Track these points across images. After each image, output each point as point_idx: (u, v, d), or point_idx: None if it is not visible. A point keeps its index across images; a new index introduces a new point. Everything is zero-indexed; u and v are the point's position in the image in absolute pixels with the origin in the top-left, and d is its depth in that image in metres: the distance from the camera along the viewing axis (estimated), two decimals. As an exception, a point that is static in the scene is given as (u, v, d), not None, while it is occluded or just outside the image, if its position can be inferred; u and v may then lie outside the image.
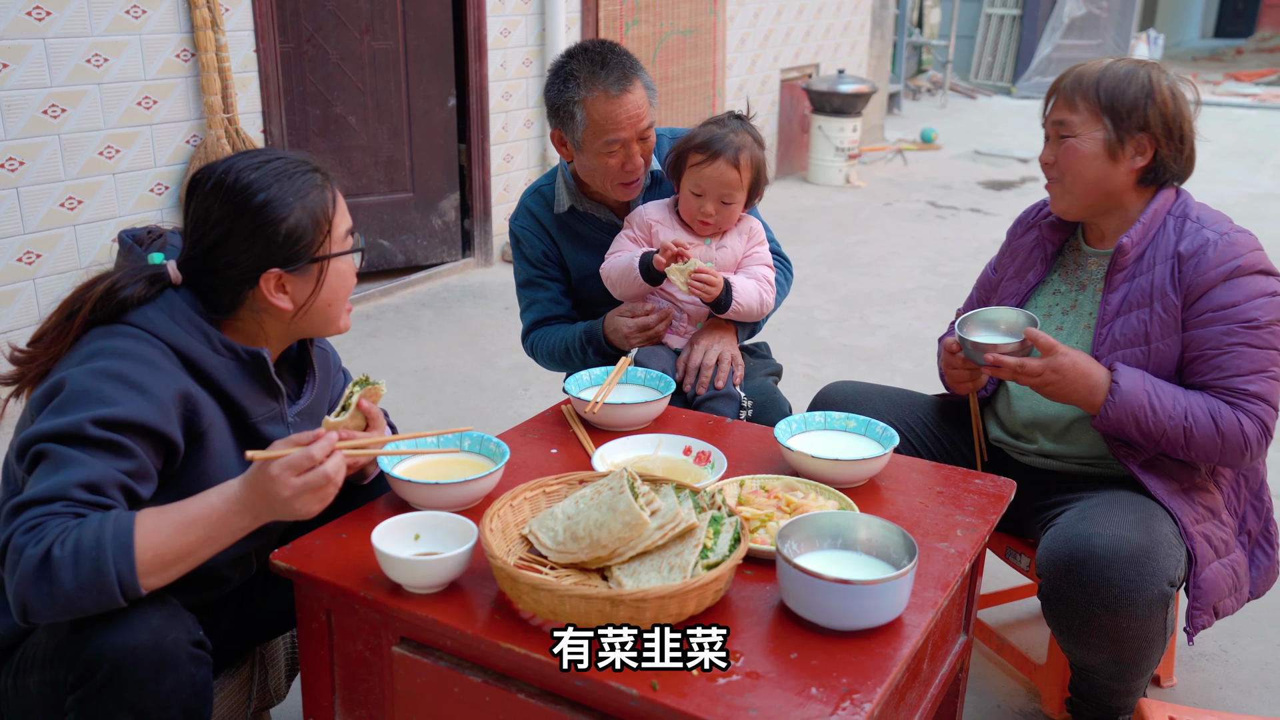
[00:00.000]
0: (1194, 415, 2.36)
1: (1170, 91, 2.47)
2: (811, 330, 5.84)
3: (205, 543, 1.81)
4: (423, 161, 6.52)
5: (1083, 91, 2.49)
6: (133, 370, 1.86)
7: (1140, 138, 2.46)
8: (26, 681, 1.89)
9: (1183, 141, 2.49)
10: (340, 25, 5.97)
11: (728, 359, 2.94)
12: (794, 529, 1.89)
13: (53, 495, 1.74)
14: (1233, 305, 2.38)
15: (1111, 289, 2.51)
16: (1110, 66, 2.50)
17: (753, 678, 1.65)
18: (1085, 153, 2.49)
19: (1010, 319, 2.56)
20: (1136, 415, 2.37)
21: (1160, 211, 2.50)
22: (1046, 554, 2.32)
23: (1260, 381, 2.36)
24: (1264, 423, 2.37)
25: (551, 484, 2.08)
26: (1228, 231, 2.44)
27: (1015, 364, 2.43)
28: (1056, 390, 2.43)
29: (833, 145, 9.42)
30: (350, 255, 2.13)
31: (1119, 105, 2.45)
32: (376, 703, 1.96)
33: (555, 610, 1.73)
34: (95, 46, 4.73)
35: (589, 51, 2.88)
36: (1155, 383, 2.39)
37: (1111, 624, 2.23)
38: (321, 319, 2.11)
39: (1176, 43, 23.51)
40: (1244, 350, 2.36)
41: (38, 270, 4.71)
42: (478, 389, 5.02)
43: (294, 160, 2.05)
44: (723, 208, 2.92)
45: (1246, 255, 2.40)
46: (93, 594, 1.71)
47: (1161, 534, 2.30)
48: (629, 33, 7.57)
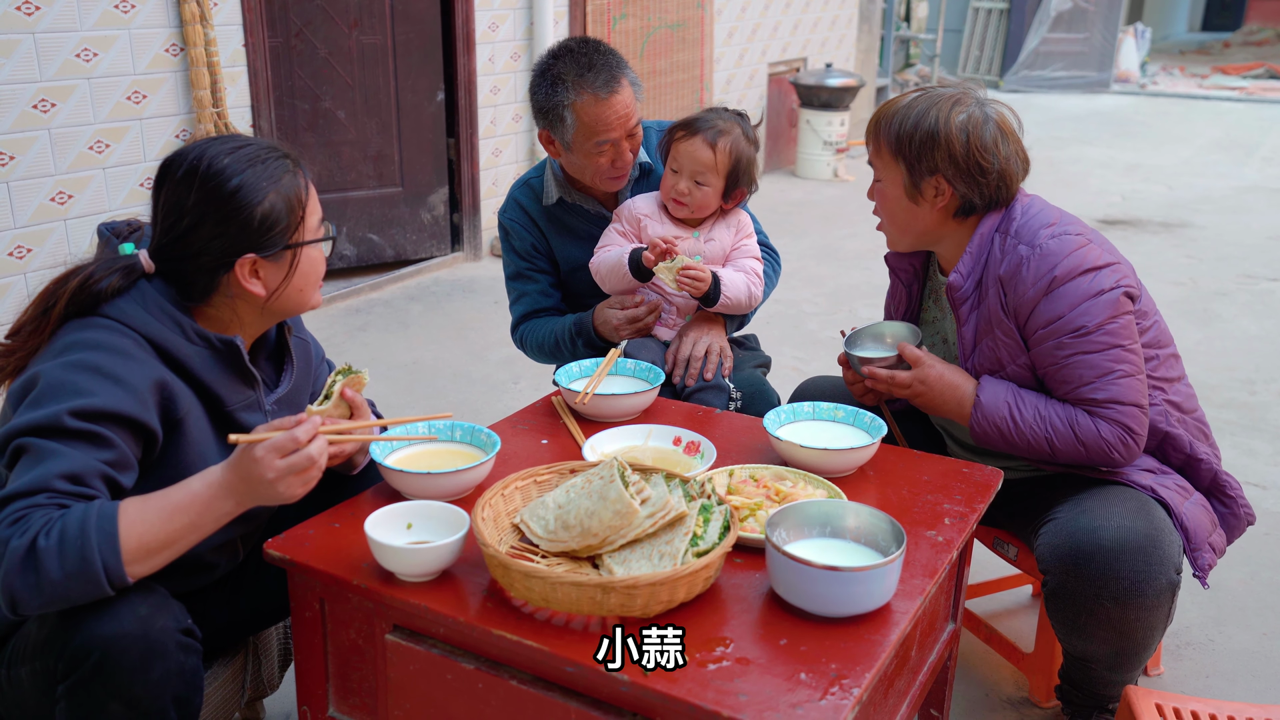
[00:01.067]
0: (1054, 426, 2.36)
1: (962, 130, 2.39)
2: (800, 323, 5.86)
3: (189, 529, 1.82)
4: (411, 156, 6.52)
5: (881, 134, 2.48)
6: (107, 361, 1.87)
7: (934, 180, 2.42)
8: (18, 672, 1.90)
9: (984, 174, 2.41)
10: (328, 20, 5.97)
11: (716, 351, 2.95)
12: (783, 517, 1.91)
13: (35, 488, 1.74)
14: (1058, 318, 2.34)
15: (962, 321, 2.51)
16: (907, 106, 2.45)
17: (743, 663, 1.66)
18: (891, 196, 2.50)
19: (898, 333, 2.62)
20: (1000, 427, 2.40)
21: (986, 235, 2.46)
22: (1050, 550, 2.32)
23: (1107, 385, 2.33)
24: (1123, 424, 2.34)
25: (542, 473, 2.10)
26: (1041, 243, 2.37)
27: (886, 376, 2.49)
28: (926, 401, 2.48)
29: (820, 139, 9.45)
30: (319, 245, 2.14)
31: (908, 149, 2.42)
32: (370, 690, 1.97)
33: (547, 598, 1.74)
34: (85, 41, 4.72)
35: (574, 53, 2.89)
36: (1019, 394, 2.40)
37: (1120, 615, 2.25)
38: (294, 302, 2.12)
39: (1164, 36, 23.57)
40: (1081, 359, 2.34)
41: (28, 264, 4.71)
42: (467, 382, 5.03)
43: (265, 146, 2.05)
44: (695, 188, 2.92)
45: (1062, 262, 2.35)
46: (79, 583, 1.71)
47: (1161, 520, 2.31)
48: (616, 26, 7.58)
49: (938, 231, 2.51)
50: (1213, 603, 3.23)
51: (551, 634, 1.72)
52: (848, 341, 2.63)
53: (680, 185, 2.92)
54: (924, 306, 2.74)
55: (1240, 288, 6.56)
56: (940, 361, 2.49)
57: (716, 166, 2.90)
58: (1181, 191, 9.24)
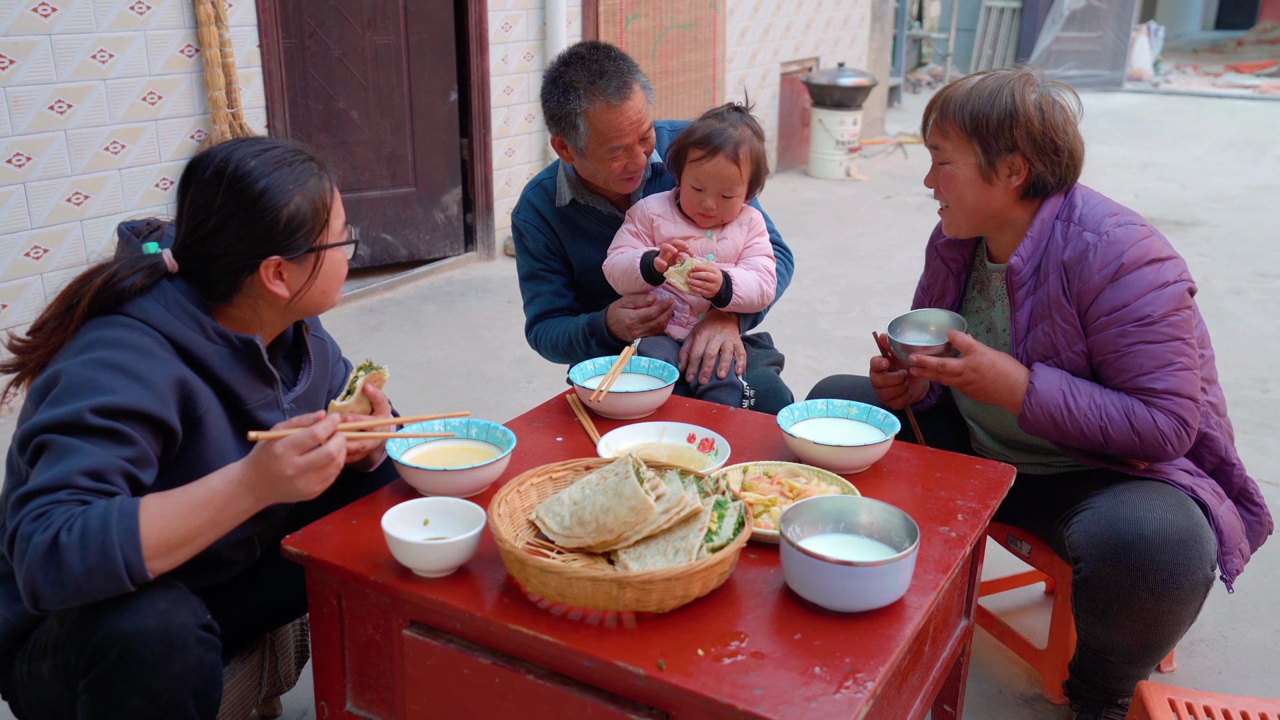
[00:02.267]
0: (1109, 415, 2.36)
1: (1037, 107, 2.41)
2: (812, 322, 5.87)
3: (209, 525, 1.84)
4: (425, 156, 6.54)
5: (950, 116, 2.46)
6: (129, 359, 1.89)
7: (1011, 158, 2.43)
8: (40, 667, 1.92)
9: (1058, 153, 2.43)
10: (342, 20, 5.99)
11: (730, 349, 2.96)
12: (797, 513, 1.92)
13: (57, 484, 1.76)
14: (1123, 306, 2.35)
15: (1017, 306, 2.50)
16: (976, 88, 2.45)
17: (757, 658, 1.68)
18: (961, 178, 2.48)
19: (941, 321, 2.59)
20: (1054, 415, 2.38)
21: (1047, 221, 2.46)
22: (1087, 538, 2.32)
23: (1166, 376, 2.34)
24: (1179, 416, 2.34)
25: (558, 470, 2.11)
26: (1107, 230, 2.39)
27: (937, 364, 2.46)
28: (978, 389, 2.46)
29: (833, 138, 9.44)
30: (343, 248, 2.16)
31: (984, 129, 2.42)
32: (387, 685, 1.99)
33: (563, 593, 1.76)
34: (100, 42, 4.75)
35: (585, 60, 2.90)
36: (1074, 383, 2.40)
37: (1154, 606, 2.25)
38: (316, 303, 2.14)
39: (1177, 34, 23.50)
40: (1143, 349, 2.34)
41: (45, 265, 4.74)
42: (481, 381, 5.05)
43: (291, 149, 2.07)
44: (723, 201, 2.94)
45: (1129, 250, 2.36)
46: (101, 578, 1.73)
47: (1200, 518, 2.32)
48: (629, 26, 7.59)
49: (1005, 214, 2.51)
50: (1226, 600, 3.23)
51: (567, 629, 1.73)
52: (890, 327, 2.60)
53: (708, 202, 2.93)
54: (968, 296, 2.75)
55: (1253, 286, 6.54)
56: (991, 349, 2.47)
57: (742, 177, 2.92)
58: (1194, 190, 9.22)
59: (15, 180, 4.58)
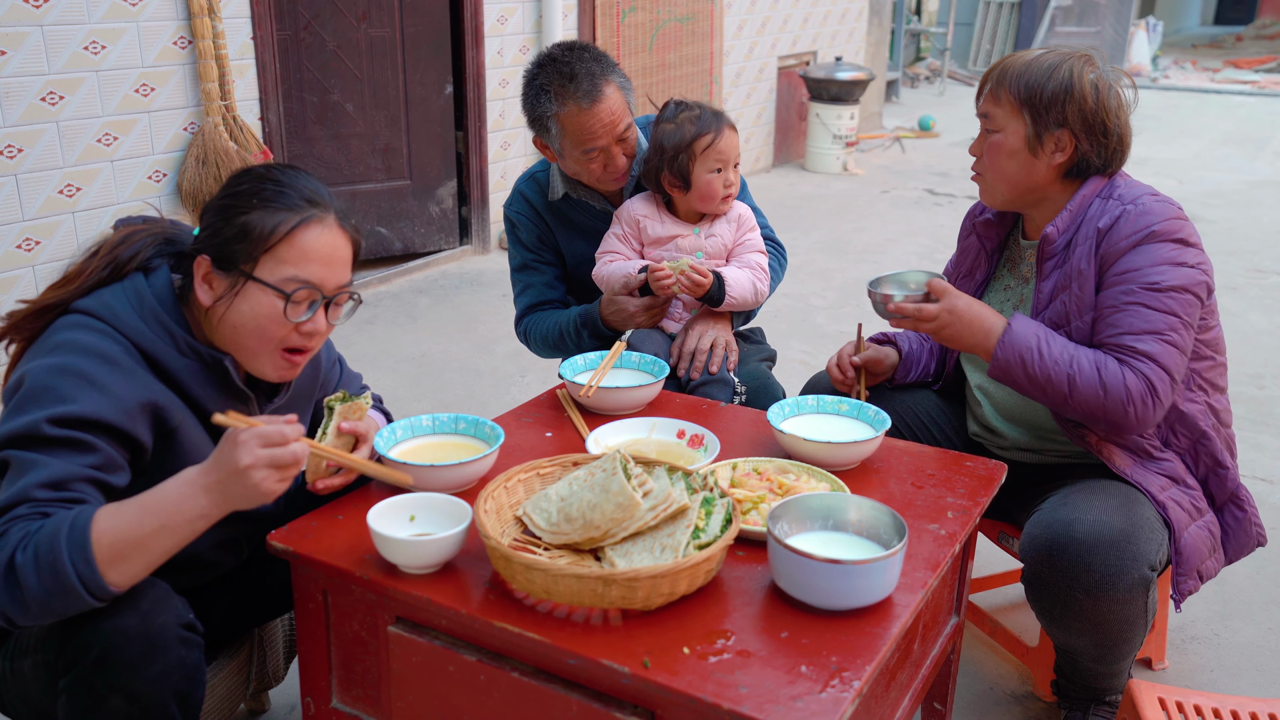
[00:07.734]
0: (1079, 364, 2.34)
1: (1093, 86, 2.42)
2: (808, 317, 5.86)
3: (160, 531, 1.74)
4: (420, 149, 6.53)
5: (1006, 85, 2.47)
6: (93, 367, 1.84)
7: (1059, 133, 2.43)
8: (22, 664, 1.91)
9: (1106, 135, 2.44)
10: (337, 12, 5.97)
11: (722, 344, 2.95)
12: (785, 510, 1.91)
13: (15, 500, 1.72)
14: (1137, 269, 2.35)
15: (1043, 277, 2.51)
16: (1037, 60, 2.46)
17: (743, 656, 1.67)
18: (1006, 147, 2.48)
19: (920, 280, 2.60)
20: (1024, 356, 2.36)
21: (1089, 197, 2.47)
22: (1029, 540, 2.34)
23: (1152, 342, 2.32)
24: (1149, 381, 2.31)
25: (545, 466, 2.10)
26: (1142, 198, 2.41)
27: (914, 309, 2.47)
28: (953, 334, 2.46)
29: (830, 133, 9.42)
30: (276, 297, 1.96)
31: (1037, 100, 2.42)
32: (373, 682, 1.98)
33: (549, 590, 1.75)
34: (93, 33, 4.73)
35: (556, 61, 2.89)
36: (1048, 333, 2.39)
37: (1092, 608, 2.25)
38: (231, 340, 2.01)
39: (1176, 30, 23.49)
40: (1139, 309, 2.34)
41: (36, 257, 4.72)
42: (475, 375, 5.04)
43: (313, 188, 2.03)
44: (736, 171, 3.01)
45: (1162, 222, 2.36)
46: (59, 596, 1.68)
47: (1142, 518, 2.31)
48: (626, 20, 7.57)
49: (1044, 190, 2.51)
50: (1218, 597, 3.23)
51: (553, 626, 1.72)
52: (872, 283, 2.61)
53: (730, 176, 2.98)
54: (998, 274, 2.74)
55: (1250, 282, 6.54)
56: (967, 295, 2.47)
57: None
58: (1192, 185, 9.22)
59: (7, 172, 4.56)
